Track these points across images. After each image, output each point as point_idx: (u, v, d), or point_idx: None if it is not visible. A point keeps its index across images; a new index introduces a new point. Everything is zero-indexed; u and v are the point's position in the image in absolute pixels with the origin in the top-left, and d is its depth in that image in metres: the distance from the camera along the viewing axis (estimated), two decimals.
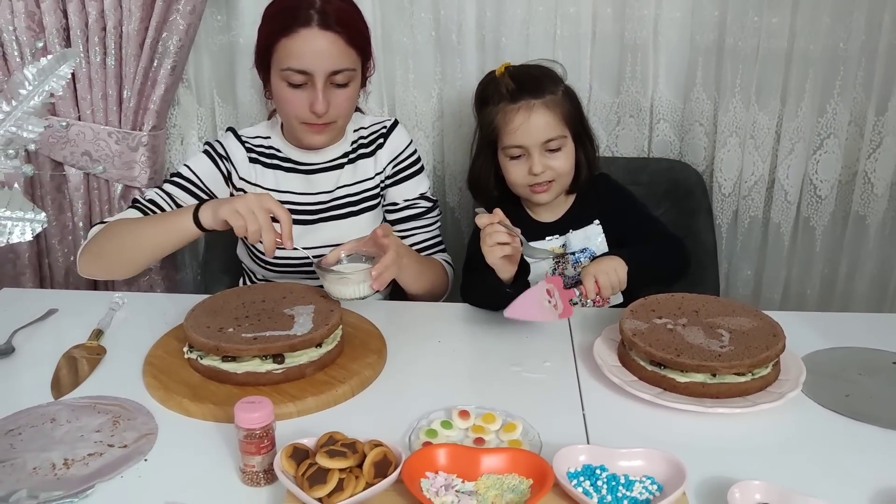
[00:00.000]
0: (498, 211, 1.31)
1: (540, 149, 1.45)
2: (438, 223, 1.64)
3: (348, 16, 1.41)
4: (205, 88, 1.95)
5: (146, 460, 0.99)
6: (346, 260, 1.31)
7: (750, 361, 1.09)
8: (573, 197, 1.57)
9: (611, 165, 1.71)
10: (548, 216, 1.57)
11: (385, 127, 1.59)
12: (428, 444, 0.97)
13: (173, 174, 1.52)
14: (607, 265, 1.34)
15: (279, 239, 1.25)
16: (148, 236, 1.36)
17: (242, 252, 1.64)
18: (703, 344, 1.13)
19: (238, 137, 1.55)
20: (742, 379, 1.10)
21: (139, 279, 1.93)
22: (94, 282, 1.87)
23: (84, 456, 0.98)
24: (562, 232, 1.55)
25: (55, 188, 1.94)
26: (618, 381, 1.14)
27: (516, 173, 1.49)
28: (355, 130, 1.58)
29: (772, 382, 1.13)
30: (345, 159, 1.57)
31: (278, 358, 1.14)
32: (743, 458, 0.98)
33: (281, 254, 1.26)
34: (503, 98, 1.46)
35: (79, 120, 1.85)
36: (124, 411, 1.09)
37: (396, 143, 1.58)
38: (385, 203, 1.61)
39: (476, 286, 1.43)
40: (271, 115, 1.62)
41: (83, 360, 1.23)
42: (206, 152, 1.54)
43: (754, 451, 1.01)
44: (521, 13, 1.81)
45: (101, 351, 1.27)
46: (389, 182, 1.59)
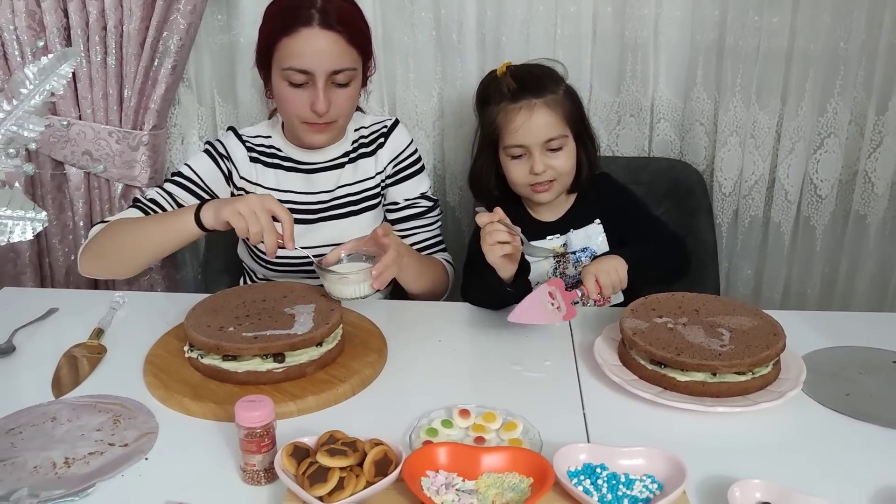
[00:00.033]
0: (498, 210, 1.31)
1: (541, 148, 1.45)
2: (439, 223, 1.64)
3: (349, 15, 1.41)
4: (205, 88, 1.95)
5: (147, 459, 0.99)
6: (347, 259, 1.31)
7: (750, 360, 1.09)
8: (574, 196, 1.57)
9: (611, 165, 1.71)
10: (549, 215, 1.57)
11: (386, 126, 1.59)
12: (428, 443, 0.97)
13: (174, 173, 1.52)
14: (608, 264, 1.34)
15: (280, 240, 1.25)
16: (149, 236, 1.36)
17: (243, 251, 1.64)
18: (704, 343, 1.13)
19: (239, 137, 1.55)
20: (742, 378, 1.10)
21: (140, 278, 1.93)
22: (95, 281, 1.87)
23: (85, 455, 0.99)
24: (563, 231, 1.55)
25: (56, 187, 1.94)
26: (618, 380, 1.14)
27: (517, 173, 1.49)
28: (356, 130, 1.58)
29: (772, 381, 1.13)
30: (345, 159, 1.57)
31: (279, 357, 1.14)
32: (743, 457, 0.99)
33: (282, 253, 1.26)
34: (504, 97, 1.46)
35: (79, 119, 1.85)
36: (125, 410, 1.09)
37: (397, 143, 1.58)
38: (386, 202, 1.61)
39: (476, 285, 1.43)
40: (272, 115, 1.62)
41: (84, 359, 1.23)
42: (207, 151, 1.54)
43: (754, 450, 1.01)
44: (522, 12, 1.81)
45: (102, 350, 1.27)
46: (390, 181, 1.59)
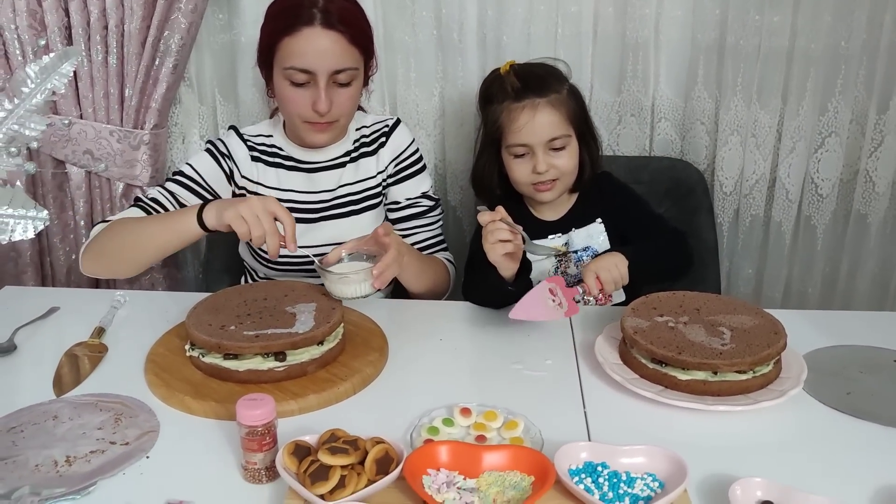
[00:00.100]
0: (500, 208, 1.31)
1: (544, 147, 1.45)
2: (440, 222, 1.64)
3: (351, 15, 1.41)
4: (206, 87, 1.95)
5: (148, 457, 0.99)
6: (348, 259, 1.31)
7: (751, 359, 1.09)
8: (576, 195, 1.57)
9: (612, 164, 1.71)
10: (550, 214, 1.57)
11: (387, 126, 1.59)
12: (430, 442, 0.98)
13: (175, 172, 1.52)
14: (608, 261, 1.34)
15: (282, 241, 1.25)
16: (151, 236, 1.36)
17: (244, 251, 1.64)
18: (705, 342, 1.13)
19: (240, 136, 1.55)
20: (743, 377, 1.10)
21: (141, 277, 1.93)
22: (96, 280, 1.87)
23: (86, 453, 0.99)
24: (564, 230, 1.55)
25: (57, 186, 1.94)
26: (619, 379, 1.14)
27: (520, 172, 1.49)
28: (357, 129, 1.58)
29: (773, 380, 1.13)
30: (347, 158, 1.57)
31: (280, 356, 1.14)
32: (744, 456, 0.99)
33: (283, 253, 1.26)
34: (508, 96, 1.46)
35: (80, 118, 1.86)
36: (126, 409, 1.09)
37: (398, 142, 1.58)
38: (387, 202, 1.61)
39: (478, 284, 1.43)
40: (273, 114, 1.62)
41: (85, 358, 1.24)
42: (209, 150, 1.54)
43: (755, 449, 1.01)
44: (523, 12, 1.81)
45: (103, 349, 1.27)
46: (391, 181, 1.59)
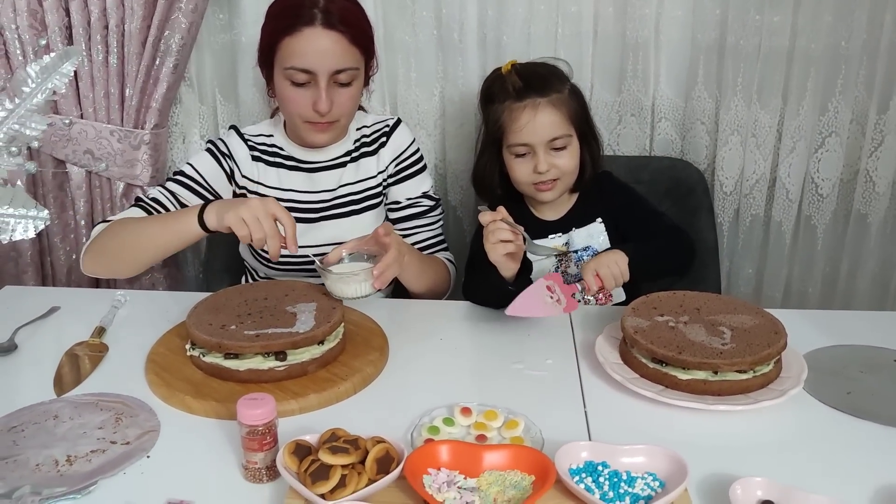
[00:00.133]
0: (501, 209, 1.31)
1: (545, 147, 1.45)
2: (441, 222, 1.64)
3: (352, 15, 1.41)
4: (207, 87, 1.95)
5: (148, 457, 0.99)
6: (348, 259, 1.31)
7: (751, 359, 1.09)
8: (576, 195, 1.57)
9: (612, 164, 1.70)
10: (551, 214, 1.57)
11: (388, 125, 1.59)
12: (430, 441, 0.98)
13: (176, 172, 1.52)
14: (607, 258, 1.34)
15: (283, 243, 1.25)
16: (151, 236, 1.36)
17: (245, 251, 1.64)
18: (705, 341, 1.13)
19: (241, 135, 1.55)
20: (744, 376, 1.10)
21: (141, 277, 1.93)
22: (97, 279, 1.87)
23: (87, 452, 0.99)
24: (565, 230, 1.55)
25: (57, 186, 1.94)
26: (619, 379, 1.14)
27: (521, 171, 1.49)
28: (358, 129, 1.58)
29: (773, 380, 1.13)
30: (347, 158, 1.57)
31: (280, 355, 1.14)
32: (745, 455, 0.99)
33: (283, 253, 1.26)
34: (509, 96, 1.46)
35: (81, 118, 1.86)
36: (126, 408, 1.09)
37: (399, 142, 1.58)
38: (387, 202, 1.61)
39: (478, 284, 1.43)
40: (274, 114, 1.62)
41: (85, 358, 1.24)
42: (209, 150, 1.54)
43: (756, 448, 1.01)
44: (523, 12, 1.81)
45: (104, 348, 1.27)
46: (392, 181, 1.59)
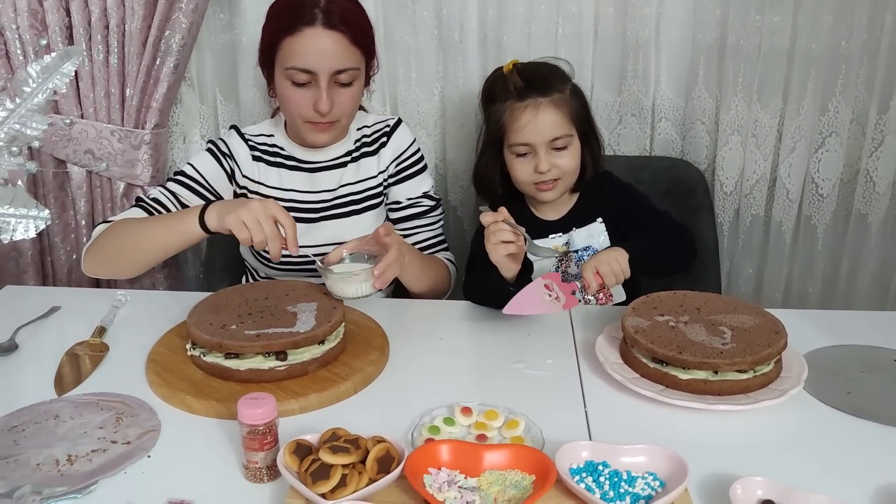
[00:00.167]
0: (503, 209, 1.31)
1: (546, 147, 1.45)
2: (441, 222, 1.64)
3: (353, 15, 1.41)
4: (207, 87, 1.95)
5: (149, 457, 0.99)
6: (349, 258, 1.31)
7: (752, 358, 1.09)
8: (577, 195, 1.57)
9: (612, 164, 1.70)
10: (551, 214, 1.57)
11: (388, 125, 1.59)
12: (430, 441, 0.98)
13: (177, 172, 1.52)
14: (607, 255, 1.34)
15: (284, 245, 1.25)
16: (152, 237, 1.37)
17: (245, 250, 1.64)
18: (705, 341, 1.13)
19: (241, 135, 1.55)
20: (744, 376, 1.10)
21: (142, 277, 1.92)
22: (97, 279, 1.87)
23: (87, 452, 0.99)
24: (565, 230, 1.55)
25: (58, 186, 1.94)
26: (620, 378, 1.14)
27: (522, 171, 1.49)
28: (359, 129, 1.58)
29: (773, 379, 1.13)
30: (348, 158, 1.57)
31: (281, 355, 1.14)
32: (745, 455, 0.99)
33: (284, 253, 1.26)
34: (511, 95, 1.46)
35: (81, 118, 1.86)
36: (127, 408, 1.09)
37: (400, 142, 1.58)
38: (388, 201, 1.61)
39: (479, 284, 1.43)
40: (274, 114, 1.62)
41: (86, 357, 1.24)
42: (210, 150, 1.54)
43: (756, 448, 1.01)
44: (523, 12, 1.81)
45: (104, 348, 1.27)
46: (392, 180, 1.59)
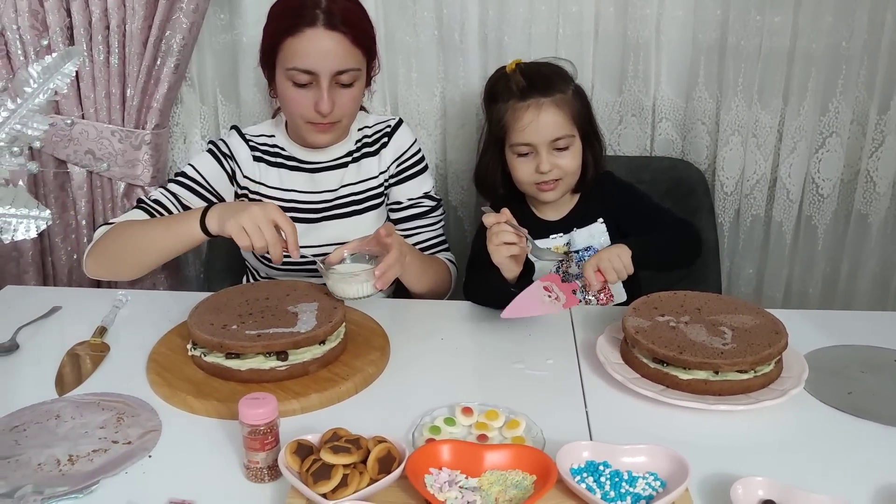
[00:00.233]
0: (505, 210, 1.31)
1: (548, 147, 1.45)
2: (442, 222, 1.64)
3: (354, 16, 1.41)
4: (208, 87, 1.95)
5: (150, 457, 0.99)
6: (350, 259, 1.31)
7: (752, 359, 1.09)
8: (578, 195, 1.57)
9: (613, 164, 1.70)
10: (552, 214, 1.57)
11: (389, 126, 1.59)
12: (431, 441, 0.98)
13: (178, 174, 1.52)
14: (609, 252, 1.34)
15: (284, 248, 1.25)
16: (153, 240, 1.36)
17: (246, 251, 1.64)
18: (706, 341, 1.13)
19: (242, 136, 1.55)
20: (744, 376, 1.10)
21: (143, 277, 1.92)
22: (98, 280, 1.87)
23: (88, 452, 0.99)
24: (566, 230, 1.55)
25: (58, 186, 1.94)
26: (620, 379, 1.14)
27: (523, 171, 1.49)
28: (359, 129, 1.58)
29: (774, 380, 1.13)
30: (349, 158, 1.57)
31: (282, 355, 1.14)
32: (745, 455, 0.99)
33: (284, 254, 1.26)
34: (513, 95, 1.46)
35: (82, 118, 1.86)
36: (128, 408, 1.10)
37: (400, 142, 1.58)
38: (389, 202, 1.61)
39: (480, 285, 1.43)
40: (275, 114, 1.62)
41: (87, 358, 1.24)
42: (210, 151, 1.54)
43: (757, 448, 1.01)
44: (524, 12, 1.81)
45: (105, 348, 1.27)
46: (393, 181, 1.59)
